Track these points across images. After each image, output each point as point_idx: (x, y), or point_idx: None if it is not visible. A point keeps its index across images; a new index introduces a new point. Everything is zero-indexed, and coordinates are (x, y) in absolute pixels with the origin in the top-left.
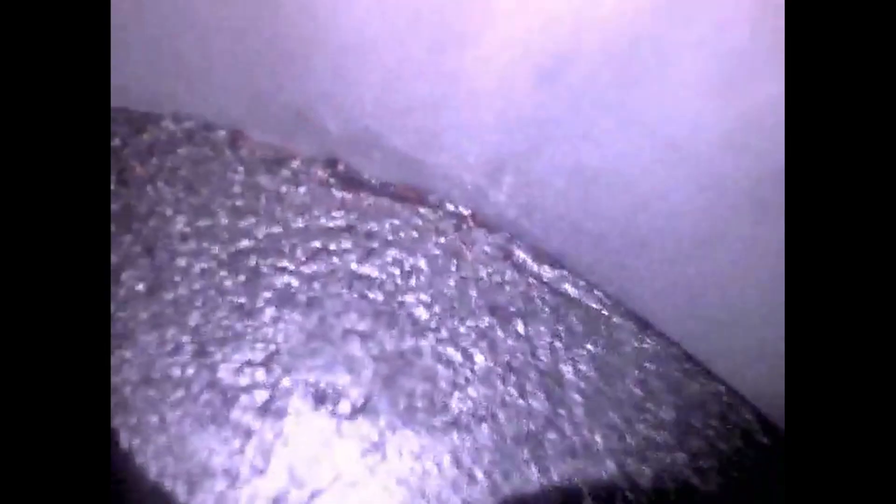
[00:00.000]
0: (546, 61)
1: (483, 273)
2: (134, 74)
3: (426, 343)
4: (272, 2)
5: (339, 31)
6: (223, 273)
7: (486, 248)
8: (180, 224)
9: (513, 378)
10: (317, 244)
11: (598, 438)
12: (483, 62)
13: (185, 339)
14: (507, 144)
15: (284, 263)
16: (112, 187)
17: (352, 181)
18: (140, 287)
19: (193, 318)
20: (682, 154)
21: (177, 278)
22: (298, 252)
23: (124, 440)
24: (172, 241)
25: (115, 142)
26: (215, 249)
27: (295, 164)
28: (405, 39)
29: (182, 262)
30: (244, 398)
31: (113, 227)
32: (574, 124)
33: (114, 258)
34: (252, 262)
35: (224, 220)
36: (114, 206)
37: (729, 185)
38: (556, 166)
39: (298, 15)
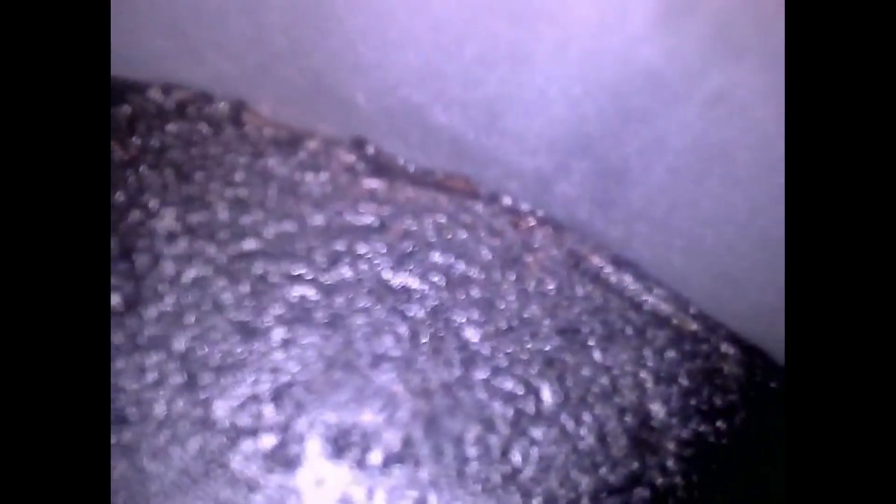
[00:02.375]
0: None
1: (549, 284)
2: (112, 29)
3: (479, 373)
4: None
5: None
6: (221, 282)
7: (553, 253)
8: (168, 219)
9: (588, 418)
10: (340, 246)
11: (698, 495)
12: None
13: (172, 366)
14: (583, 120)
15: (299, 270)
16: None
17: (384, 167)
18: (116, 300)
19: (182, 341)
20: None
21: (162, 289)
22: (317, 256)
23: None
24: (158, 240)
25: None
26: (211, 252)
27: (313, 144)
28: None
29: (169, 267)
30: (247, 444)
31: None
32: (692, 89)
33: None
34: (258, 268)
35: (223, 215)
36: None
37: None
38: (644, 149)
39: None
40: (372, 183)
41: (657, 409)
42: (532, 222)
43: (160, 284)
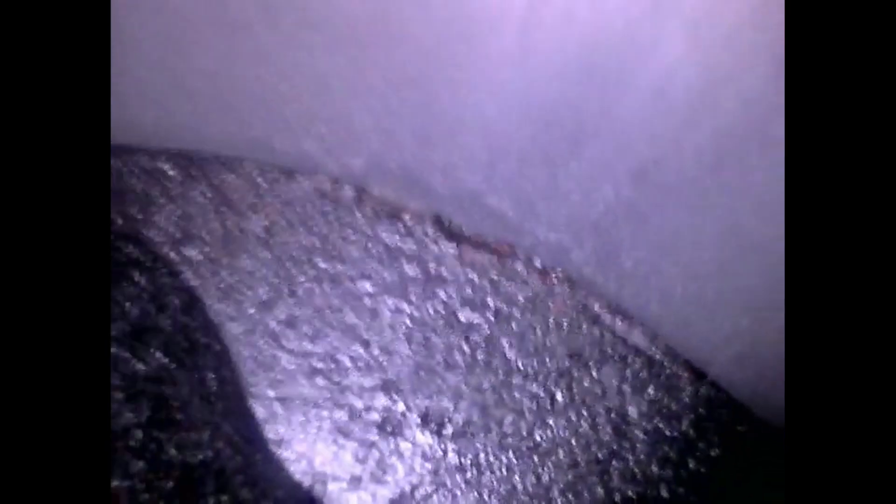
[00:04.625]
0: (643, 162)
1: (564, 321)
2: (276, 130)
3: (515, 380)
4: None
5: (474, 111)
6: (347, 308)
7: (567, 301)
8: (315, 269)
9: (585, 413)
10: (426, 290)
11: (654, 468)
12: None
13: (320, 365)
14: (595, 213)
15: (398, 304)
16: (262, 235)
17: (454, 234)
18: (283, 318)
19: (325, 347)
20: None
21: (311, 314)
22: (412, 296)
23: (273, 448)
24: (311, 282)
25: (263, 196)
26: (341, 286)
27: (407, 218)
28: (527, 133)
29: (320, 300)
30: (366, 416)
31: (263, 270)
32: (661, 225)
33: (262, 296)
34: (373, 300)
35: (349, 264)
36: (265, 254)
37: None
38: (636, 235)
39: (445, 96)
40: (446, 246)
41: (632, 410)
42: (553, 279)
43: (311, 310)
